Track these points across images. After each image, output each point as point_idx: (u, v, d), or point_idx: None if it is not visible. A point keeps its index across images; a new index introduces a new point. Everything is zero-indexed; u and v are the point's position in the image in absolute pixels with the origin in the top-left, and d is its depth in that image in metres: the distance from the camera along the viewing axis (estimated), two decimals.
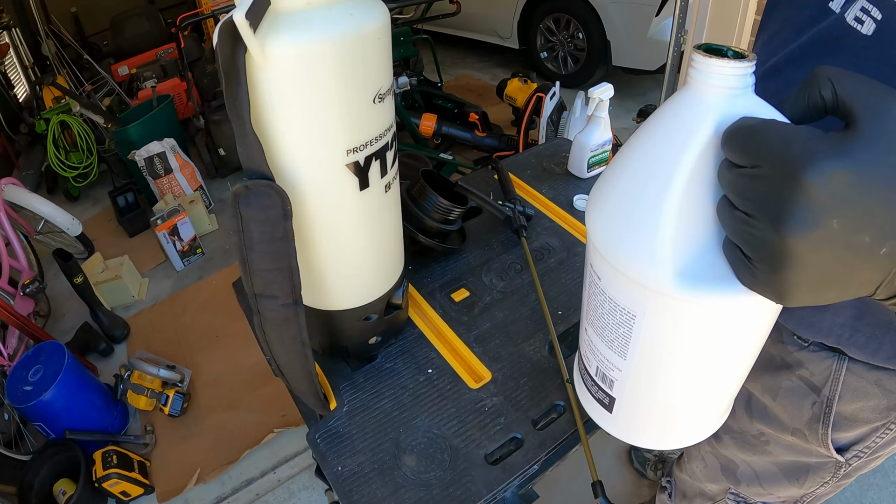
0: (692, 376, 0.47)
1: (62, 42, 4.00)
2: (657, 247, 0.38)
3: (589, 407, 0.58)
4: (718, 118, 0.35)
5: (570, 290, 0.93)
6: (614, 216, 0.41)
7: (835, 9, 0.46)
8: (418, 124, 2.85)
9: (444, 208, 0.93)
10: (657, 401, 0.50)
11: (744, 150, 0.32)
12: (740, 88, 0.35)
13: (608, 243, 0.41)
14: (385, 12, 0.58)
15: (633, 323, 0.43)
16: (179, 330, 2.28)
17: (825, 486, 0.73)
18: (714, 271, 0.37)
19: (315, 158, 0.60)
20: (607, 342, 0.48)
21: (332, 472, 0.71)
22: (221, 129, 3.06)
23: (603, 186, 0.44)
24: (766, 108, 0.35)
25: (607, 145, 1.13)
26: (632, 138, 0.42)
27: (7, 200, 2.19)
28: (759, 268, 0.33)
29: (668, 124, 0.38)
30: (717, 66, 0.34)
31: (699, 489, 0.95)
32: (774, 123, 0.32)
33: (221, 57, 0.51)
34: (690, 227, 0.37)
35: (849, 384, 0.60)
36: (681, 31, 1.97)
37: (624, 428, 0.55)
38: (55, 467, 1.68)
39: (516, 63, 4.28)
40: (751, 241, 0.32)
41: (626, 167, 0.41)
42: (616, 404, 0.52)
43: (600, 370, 0.51)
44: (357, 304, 0.75)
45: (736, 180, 0.33)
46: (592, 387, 0.54)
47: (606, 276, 0.44)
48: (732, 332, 0.42)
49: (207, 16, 3.07)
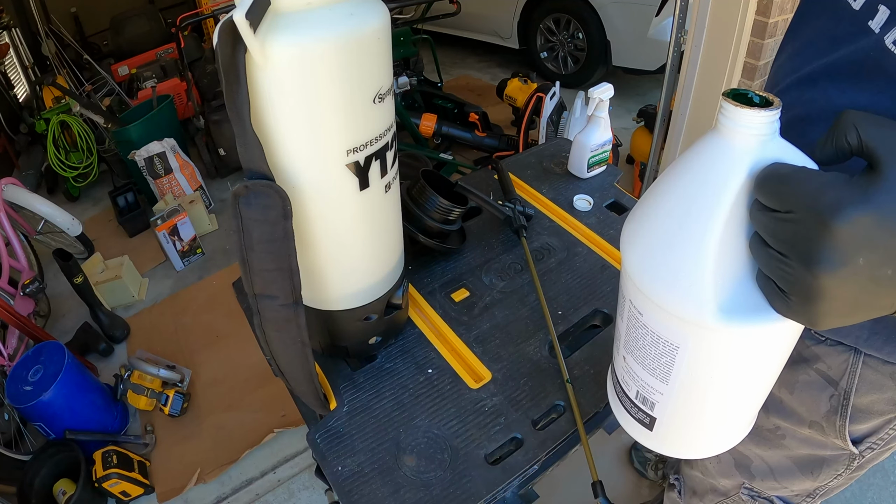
0: (730, 393, 0.50)
1: (62, 42, 4.00)
2: (700, 286, 0.41)
3: (627, 425, 0.61)
4: (750, 163, 0.37)
5: (570, 290, 0.93)
6: (655, 257, 0.44)
7: (874, 28, 0.46)
8: (418, 124, 2.85)
9: (444, 208, 0.93)
10: (697, 417, 0.53)
11: (777, 197, 0.35)
12: (769, 134, 0.37)
13: (650, 283, 0.44)
14: (385, 12, 0.58)
15: (676, 353, 0.46)
16: (179, 330, 2.28)
17: (838, 478, 0.74)
18: (750, 302, 0.40)
19: (315, 158, 0.60)
20: (649, 370, 0.51)
21: (332, 472, 0.71)
22: (221, 129, 3.06)
23: (638, 225, 0.46)
24: (793, 152, 0.38)
25: (607, 145, 1.13)
26: (664, 177, 0.45)
27: (7, 200, 2.19)
28: (793, 300, 0.36)
29: (701, 169, 0.40)
30: (748, 116, 0.36)
31: (711, 485, 0.95)
32: (803, 172, 0.35)
33: (221, 57, 0.51)
34: (728, 265, 0.40)
35: (865, 377, 0.61)
36: (681, 31, 1.97)
37: (664, 442, 0.58)
38: (55, 467, 1.68)
39: (516, 63, 4.28)
40: (785, 277, 0.36)
41: (661, 208, 0.44)
42: (657, 423, 0.56)
43: (641, 394, 0.54)
44: (357, 304, 0.75)
45: (769, 223, 0.36)
46: (632, 408, 0.58)
47: (648, 312, 0.47)
48: (766, 352, 0.46)
49: (207, 16, 3.07)
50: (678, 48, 2.01)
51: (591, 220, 1.07)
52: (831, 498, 0.79)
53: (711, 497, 0.96)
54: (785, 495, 0.83)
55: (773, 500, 0.85)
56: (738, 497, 0.89)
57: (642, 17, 3.19)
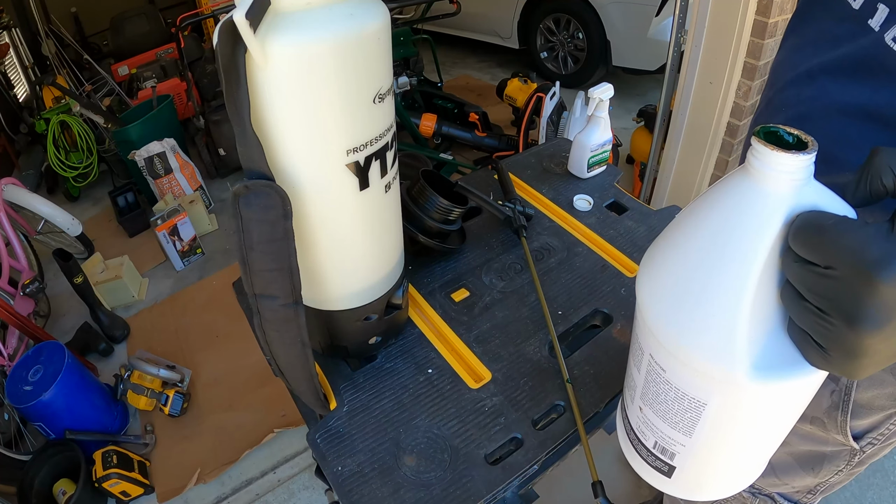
0: (755, 441, 0.49)
1: (62, 42, 4.00)
2: (733, 344, 0.38)
3: (643, 472, 0.59)
4: (787, 211, 0.35)
5: (570, 290, 0.93)
6: (680, 311, 0.41)
7: (874, 27, 0.47)
8: (418, 124, 2.85)
9: (444, 208, 0.93)
10: (719, 465, 0.52)
11: (815, 250, 0.33)
12: (805, 179, 0.35)
13: (676, 338, 0.41)
14: (385, 12, 0.58)
15: (703, 410, 0.44)
16: (179, 330, 2.28)
17: (839, 474, 0.75)
18: (783, 357, 0.38)
19: (315, 158, 0.60)
20: (671, 424, 0.49)
21: (332, 472, 0.71)
22: (221, 129, 3.06)
23: (658, 273, 0.44)
24: (830, 197, 0.35)
25: (607, 145, 1.13)
26: (687, 219, 0.41)
27: (7, 200, 2.19)
28: (832, 355, 0.35)
29: (732, 215, 0.37)
30: (784, 160, 0.34)
31: None
32: (844, 223, 0.33)
33: (221, 57, 0.51)
34: (761, 319, 0.37)
35: None
36: (681, 31, 1.97)
37: (683, 489, 0.57)
38: (55, 467, 1.68)
39: (516, 63, 4.28)
40: (825, 333, 0.34)
41: (686, 257, 0.41)
42: (676, 471, 0.54)
43: (660, 444, 0.52)
44: (357, 304, 0.75)
45: (807, 276, 0.34)
46: (649, 457, 0.56)
47: (672, 369, 0.44)
48: (795, 401, 0.44)
49: (207, 16, 3.07)
50: (678, 48, 2.01)
51: (591, 220, 1.07)
52: (831, 497, 0.79)
53: None
54: (786, 492, 0.84)
55: (773, 496, 0.85)
56: (739, 494, 0.89)
57: (642, 17, 3.19)
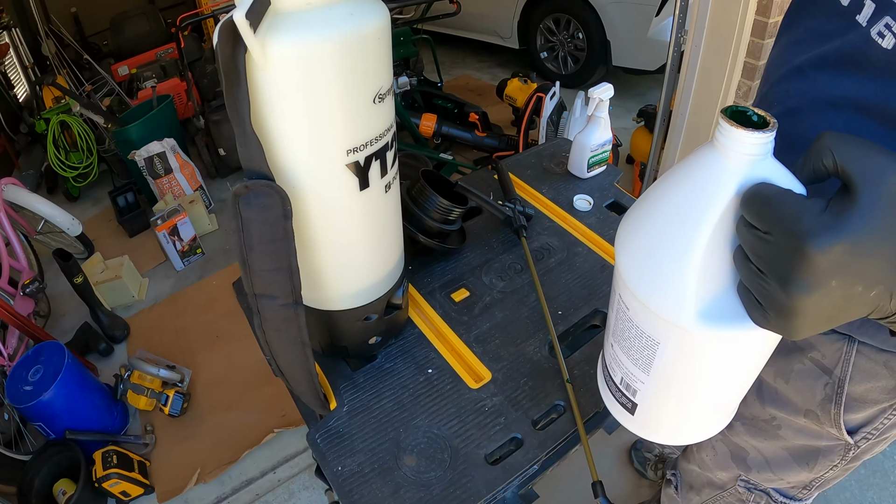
0: (706, 389, 0.53)
1: (62, 42, 4.00)
2: (684, 292, 0.43)
3: (612, 408, 0.64)
4: (740, 181, 0.39)
5: (570, 290, 0.93)
6: (645, 261, 0.46)
7: (861, 22, 0.48)
8: (418, 124, 2.85)
9: (444, 208, 0.93)
10: (675, 407, 0.57)
11: (759, 217, 0.37)
12: (762, 155, 0.39)
13: (638, 283, 0.47)
14: (385, 12, 0.58)
15: (657, 348, 0.49)
16: (179, 330, 2.28)
17: (834, 469, 0.75)
18: (730, 310, 0.43)
19: (315, 158, 0.60)
20: (632, 359, 0.54)
21: (332, 472, 0.71)
22: (221, 129, 3.06)
23: (632, 226, 0.49)
24: (782, 173, 0.39)
25: (607, 145, 1.13)
26: (660, 183, 0.47)
27: (7, 200, 2.19)
28: (770, 314, 0.38)
29: (695, 181, 0.42)
30: (743, 137, 0.38)
31: (707, 479, 0.95)
32: (784, 195, 0.36)
33: (221, 57, 0.51)
34: (711, 274, 0.42)
35: (859, 365, 0.62)
36: (681, 31, 1.97)
37: (644, 427, 0.62)
38: (55, 467, 1.68)
39: (516, 63, 4.28)
40: (763, 293, 0.38)
41: (655, 213, 0.46)
42: (638, 409, 0.59)
43: (625, 380, 0.58)
44: (357, 304, 0.75)
45: (752, 239, 0.38)
46: (616, 392, 0.61)
47: (634, 309, 0.49)
48: (742, 356, 0.49)
49: (207, 16, 3.07)
50: (678, 48, 2.01)
51: (591, 220, 1.07)
52: (832, 498, 0.79)
53: (708, 491, 0.96)
54: (781, 487, 0.84)
55: (769, 492, 0.85)
56: (735, 490, 0.89)
57: (642, 17, 3.19)
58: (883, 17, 0.46)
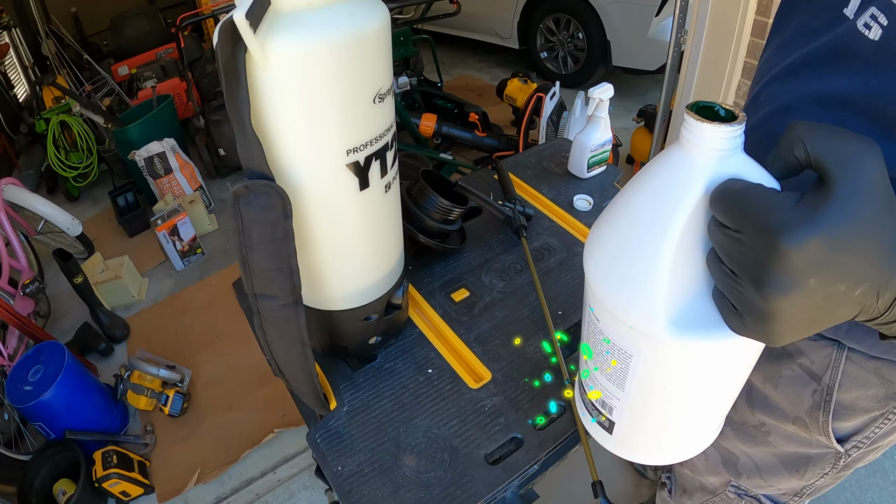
0: (686, 405, 0.50)
1: (62, 42, 4.00)
2: (652, 299, 0.41)
3: (590, 428, 0.62)
4: (708, 179, 0.37)
5: (570, 290, 0.93)
6: (611, 267, 0.44)
7: (848, 15, 0.48)
8: (418, 124, 2.85)
9: (444, 208, 0.93)
10: (654, 425, 0.54)
11: (728, 214, 0.34)
12: (730, 150, 0.37)
13: (606, 292, 0.44)
14: (385, 12, 0.58)
15: (630, 361, 0.47)
16: (179, 330, 2.28)
17: (825, 477, 0.74)
18: (704, 318, 0.40)
19: (315, 158, 0.60)
20: (606, 375, 0.51)
21: (332, 472, 0.71)
22: (221, 129, 3.06)
23: (600, 236, 0.46)
24: (754, 168, 0.37)
25: (607, 145, 1.13)
26: (627, 188, 0.44)
27: (7, 200, 2.19)
28: (747, 319, 0.35)
29: (661, 183, 0.40)
30: (709, 131, 0.36)
31: (700, 483, 0.95)
32: (755, 190, 0.34)
33: (221, 57, 0.51)
34: (682, 279, 0.40)
35: (848, 373, 0.61)
36: (681, 31, 1.98)
37: (623, 447, 0.59)
38: (55, 467, 1.68)
39: (516, 63, 4.28)
40: (738, 297, 0.35)
41: (621, 220, 0.44)
42: (616, 427, 0.56)
43: (601, 398, 0.55)
44: (357, 304, 0.75)
45: (723, 240, 0.35)
46: (593, 411, 0.59)
47: (604, 320, 0.47)
48: (722, 367, 0.46)
49: (207, 16, 3.07)
50: (678, 48, 2.01)
51: (591, 220, 1.07)
52: (832, 498, 0.79)
53: (700, 495, 0.96)
54: (772, 494, 0.83)
55: (759, 498, 0.84)
56: (726, 495, 0.89)
57: (642, 17, 3.19)
58: (868, 7, 0.45)
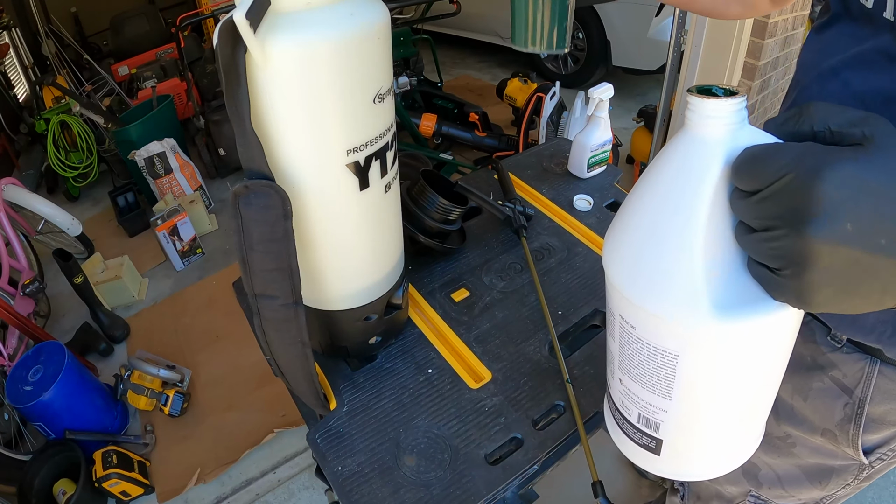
0: (736, 399, 0.48)
1: (62, 42, 4.00)
2: (692, 285, 0.39)
3: (632, 454, 0.57)
4: (724, 153, 0.37)
5: (570, 290, 0.93)
6: (640, 264, 0.42)
7: (889, 18, 0.48)
8: (418, 124, 2.85)
9: (444, 208, 0.93)
10: (705, 432, 0.51)
11: (756, 176, 0.34)
12: (738, 122, 0.37)
13: (640, 291, 0.42)
14: (385, 12, 0.58)
15: (676, 363, 0.44)
16: (179, 330, 2.28)
17: (847, 487, 0.74)
18: (745, 295, 0.39)
19: (315, 158, 0.60)
20: (648, 387, 0.48)
21: (332, 472, 0.71)
22: (221, 129, 3.06)
23: (620, 239, 0.45)
24: (764, 136, 0.37)
25: (607, 145, 1.13)
26: (639, 186, 0.43)
27: (7, 200, 2.19)
28: (785, 275, 0.34)
29: (677, 168, 0.39)
30: (713, 106, 0.36)
31: (716, 491, 0.94)
32: (780, 145, 0.34)
33: (221, 57, 0.51)
34: (717, 259, 0.38)
35: (880, 386, 0.61)
36: (681, 31, 1.98)
37: (674, 465, 0.55)
38: (55, 467, 1.68)
39: (516, 63, 4.28)
40: (773, 253, 0.34)
41: (641, 217, 0.42)
42: (664, 445, 0.52)
43: (643, 416, 0.52)
44: (357, 304, 0.75)
45: (752, 206, 0.35)
46: (635, 434, 0.54)
47: (641, 324, 0.44)
48: (767, 348, 0.44)
49: (207, 16, 3.07)
50: (678, 48, 2.01)
51: (591, 220, 1.07)
52: None
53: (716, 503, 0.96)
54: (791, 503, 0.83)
55: None
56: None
57: (642, 17, 3.19)
58: None
